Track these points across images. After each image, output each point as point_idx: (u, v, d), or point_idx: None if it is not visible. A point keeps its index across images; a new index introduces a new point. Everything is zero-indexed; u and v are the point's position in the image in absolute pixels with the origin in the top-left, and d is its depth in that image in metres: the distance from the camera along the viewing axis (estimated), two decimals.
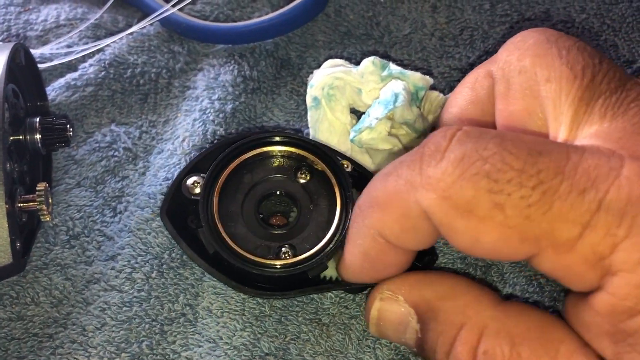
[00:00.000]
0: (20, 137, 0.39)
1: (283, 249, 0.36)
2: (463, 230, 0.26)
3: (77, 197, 0.42)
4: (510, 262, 0.38)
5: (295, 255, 0.36)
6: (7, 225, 0.33)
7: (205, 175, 0.37)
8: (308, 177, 0.39)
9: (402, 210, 0.28)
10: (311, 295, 0.38)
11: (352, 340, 0.36)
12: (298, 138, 0.39)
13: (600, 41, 0.48)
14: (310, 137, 0.42)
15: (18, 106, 0.40)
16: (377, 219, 0.30)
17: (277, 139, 0.39)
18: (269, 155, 0.39)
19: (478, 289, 0.31)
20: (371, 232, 0.31)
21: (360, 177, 0.39)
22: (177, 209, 0.38)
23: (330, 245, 0.35)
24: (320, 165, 0.38)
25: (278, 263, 0.35)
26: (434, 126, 0.43)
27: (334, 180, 0.37)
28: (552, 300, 0.37)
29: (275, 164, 0.39)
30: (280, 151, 0.39)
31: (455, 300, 0.30)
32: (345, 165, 0.38)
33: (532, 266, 0.27)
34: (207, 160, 0.38)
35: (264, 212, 0.38)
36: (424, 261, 0.36)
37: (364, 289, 0.37)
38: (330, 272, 0.36)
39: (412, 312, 0.31)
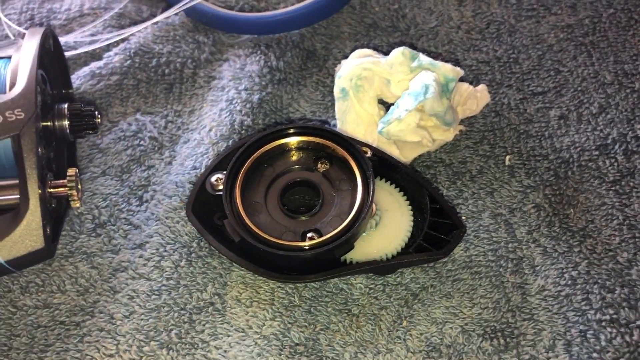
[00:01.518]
0: (49, 123, 0.39)
1: (309, 234, 0.36)
2: None
3: (103, 185, 0.41)
4: (542, 254, 0.38)
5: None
6: (39, 210, 0.33)
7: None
8: (328, 165, 0.39)
9: None
10: (340, 286, 0.37)
11: (382, 331, 0.36)
12: (314, 127, 0.39)
13: (628, 36, 0.47)
14: (337, 129, 0.42)
15: (46, 92, 0.39)
16: None
17: (292, 130, 0.39)
18: (288, 148, 0.39)
19: None
20: None
21: (380, 162, 0.39)
22: (203, 205, 0.38)
23: (356, 225, 0.35)
24: (340, 152, 0.38)
25: (304, 244, 0.35)
26: (462, 119, 0.43)
27: (354, 165, 0.38)
28: (584, 293, 0.37)
29: (295, 156, 0.39)
30: (298, 142, 0.39)
31: None
32: (364, 151, 0.38)
33: None
34: (228, 159, 0.38)
35: (287, 202, 0.38)
36: (452, 234, 0.37)
37: (392, 271, 0.37)
38: (356, 256, 0.36)
39: None
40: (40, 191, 0.33)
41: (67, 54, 0.46)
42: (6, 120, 0.33)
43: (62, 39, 0.47)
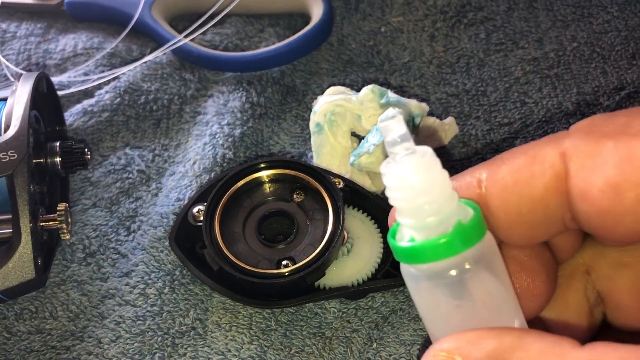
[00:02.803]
0: (42, 160, 0.41)
1: (283, 262, 0.39)
2: None
3: (93, 216, 0.44)
4: None
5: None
6: (31, 243, 0.35)
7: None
8: (303, 196, 0.41)
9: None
10: (315, 310, 0.40)
11: (354, 353, 0.38)
12: (288, 160, 0.42)
13: (591, 68, 0.50)
14: (314, 161, 0.45)
15: (39, 131, 0.42)
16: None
17: (267, 164, 0.41)
18: (264, 180, 0.42)
19: (551, 336, 0.24)
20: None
21: (352, 192, 0.41)
22: (185, 235, 0.41)
23: (327, 252, 0.38)
24: (313, 183, 0.41)
25: (277, 272, 0.38)
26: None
27: (325, 195, 0.40)
28: None
29: (272, 188, 0.42)
30: (274, 175, 0.42)
31: (528, 351, 0.23)
32: (337, 183, 0.40)
33: None
34: (209, 191, 0.41)
35: (264, 231, 0.41)
36: None
37: (363, 295, 0.40)
38: (329, 281, 0.39)
39: None
40: (31, 225, 0.36)
41: (61, 92, 0.49)
42: (0, 161, 0.35)
43: (57, 79, 0.50)
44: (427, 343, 0.38)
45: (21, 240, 0.35)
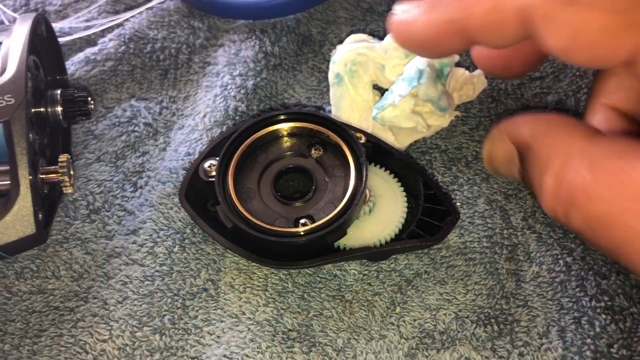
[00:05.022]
0: (42, 109, 0.38)
1: (301, 221, 0.36)
2: (565, 21, 0.26)
3: (97, 171, 0.41)
4: (537, 240, 0.38)
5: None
6: (30, 195, 0.33)
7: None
8: (322, 151, 0.38)
9: (496, 4, 0.28)
10: (334, 272, 0.37)
11: (376, 317, 0.36)
12: (307, 113, 0.39)
13: None
14: (332, 115, 0.42)
15: (39, 78, 0.39)
16: (464, 6, 0.29)
17: (285, 116, 0.38)
18: (281, 134, 0.39)
19: (572, 125, 0.29)
20: (451, 16, 0.30)
21: (374, 148, 0.38)
22: (196, 191, 0.38)
23: (348, 211, 0.35)
24: (333, 138, 0.38)
25: (296, 230, 0.35)
26: (458, 104, 0.43)
27: (347, 151, 0.37)
28: (579, 279, 0.36)
29: (289, 142, 0.39)
30: (291, 128, 0.39)
31: (548, 137, 0.29)
32: (358, 137, 0.38)
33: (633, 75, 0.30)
34: (221, 145, 0.38)
35: (280, 189, 0.38)
36: (446, 221, 0.37)
37: (385, 257, 0.37)
38: (350, 242, 0.36)
39: (514, 150, 0.31)
40: (31, 177, 0.33)
41: (62, 40, 0.46)
42: None
43: (57, 25, 0.47)
44: (453, 308, 0.36)
45: (19, 192, 0.33)
